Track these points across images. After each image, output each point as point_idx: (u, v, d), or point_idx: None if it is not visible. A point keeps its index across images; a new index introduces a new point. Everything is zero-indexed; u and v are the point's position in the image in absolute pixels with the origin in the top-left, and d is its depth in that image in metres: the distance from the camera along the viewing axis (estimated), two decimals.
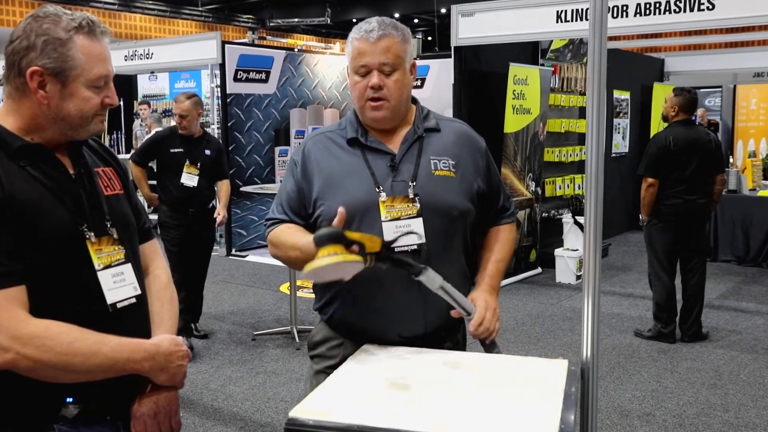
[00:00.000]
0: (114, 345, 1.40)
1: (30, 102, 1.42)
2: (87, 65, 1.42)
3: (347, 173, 1.83)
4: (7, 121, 1.44)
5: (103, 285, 1.46)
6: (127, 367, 1.42)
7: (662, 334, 4.99)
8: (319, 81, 9.12)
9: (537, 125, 7.03)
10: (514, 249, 2.03)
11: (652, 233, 5.02)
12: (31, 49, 1.39)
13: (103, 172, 1.58)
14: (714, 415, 3.80)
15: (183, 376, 1.52)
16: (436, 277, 1.68)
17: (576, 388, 1.49)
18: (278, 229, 1.87)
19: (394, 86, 1.80)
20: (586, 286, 1.66)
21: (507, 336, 5.19)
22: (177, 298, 1.70)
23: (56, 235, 1.40)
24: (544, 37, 6.99)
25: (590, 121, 1.62)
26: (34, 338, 1.32)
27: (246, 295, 6.49)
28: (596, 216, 1.64)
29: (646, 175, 4.91)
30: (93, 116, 1.46)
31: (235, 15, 18.64)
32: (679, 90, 5.04)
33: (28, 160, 1.42)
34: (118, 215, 1.54)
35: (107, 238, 1.49)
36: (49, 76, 1.40)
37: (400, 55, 1.81)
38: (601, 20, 1.60)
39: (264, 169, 8.51)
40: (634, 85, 9.44)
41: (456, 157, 1.87)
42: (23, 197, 1.37)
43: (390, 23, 1.82)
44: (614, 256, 8.01)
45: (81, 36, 1.41)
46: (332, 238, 1.53)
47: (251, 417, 3.82)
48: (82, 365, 1.36)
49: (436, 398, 1.42)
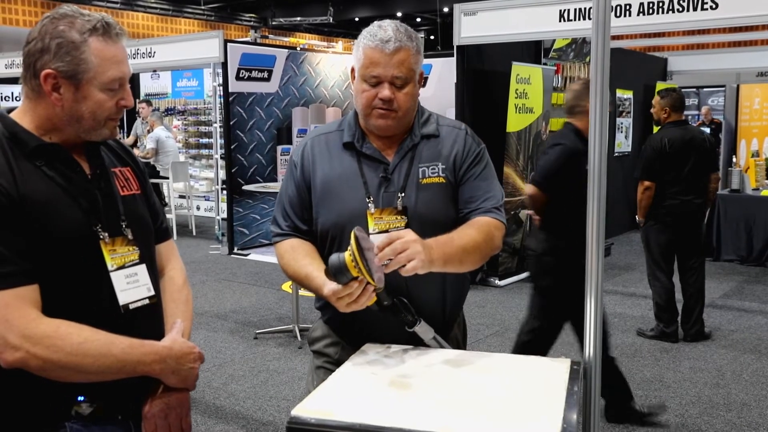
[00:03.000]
0: (125, 346, 1.40)
1: (45, 103, 1.43)
2: (100, 68, 1.41)
3: (342, 181, 1.81)
4: (25, 121, 1.45)
5: (116, 286, 1.46)
6: (137, 369, 1.42)
7: (665, 333, 4.98)
8: (322, 80, 9.11)
9: (539, 124, 7.02)
10: (484, 242, 1.75)
11: (650, 235, 5.01)
12: (45, 51, 1.40)
13: (120, 172, 1.58)
14: (716, 415, 3.79)
15: (195, 378, 1.51)
16: (428, 330, 1.73)
17: (578, 387, 1.49)
18: (283, 249, 1.86)
19: (404, 99, 1.78)
20: (588, 285, 1.66)
21: (509, 335, 5.18)
22: (191, 300, 1.70)
23: (70, 235, 1.40)
24: (546, 36, 6.98)
25: (593, 121, 1.62)
26: (44, 338, 1.33)
27: (248, 293, 6.49)
28: (599, 215, 1.64)
29: (643, 178, 4.90)
30: (107, 118, 1.47)
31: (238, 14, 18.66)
32: (665, 92, 5.03)
33: (44, 159, 1.42)
34: (133, 215, 1.54)
35: (121, 239, 1.49)
36: (62, 79, 1.40)
37: (413, 68, 1.78)
38: (605, 19, 1.60)
39: (266, 168, 8.51)
40: (637, 84, 9.43)
41: (446, 161, 1.84)
42: (37, 197, 1.37)
43: (405, 32, 1.77)
44: (617, 256, 8.00)
45: (95, 38, 1.41)
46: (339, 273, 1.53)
47: (253, 415, 3.82)
48: (91, 366, 1.36)
49: (438, 397, 1.41)
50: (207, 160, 10.86)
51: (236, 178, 8.20)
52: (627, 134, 9.41)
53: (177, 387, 1.49)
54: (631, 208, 9.34)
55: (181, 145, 11.21)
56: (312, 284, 1.70)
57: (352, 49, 1.86)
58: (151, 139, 9.46)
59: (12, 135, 1.42)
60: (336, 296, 1.56)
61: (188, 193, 9.88)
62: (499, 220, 1.83)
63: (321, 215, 1.83)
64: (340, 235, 1.78)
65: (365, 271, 1.49)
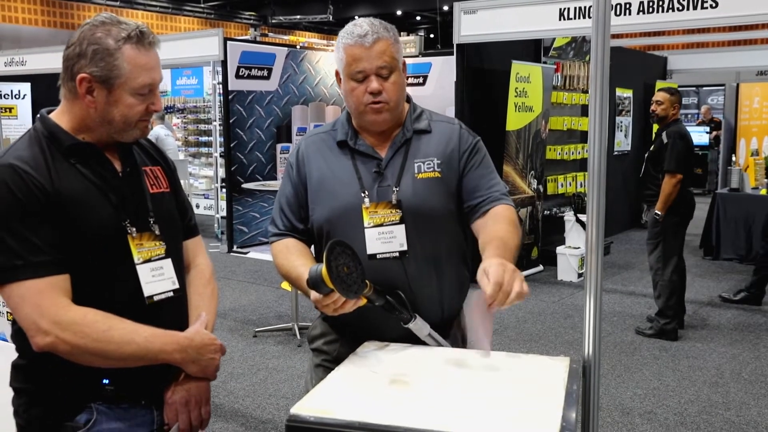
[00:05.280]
0: (148, 335, 1.48)
1: (80, 105, 1.52)
2: (132, 74, 1.50)
3: (336, 177, 1.83)
4: (62, 120, 1.55)
5: (142, 278, 1.55)
6: (159, 357, 1.50)
7: (664, 331, 4.99)
8: (321, 78, 9.11)
9: (539, 123, 7.02)
10: (516, 232, 1.76)
11: (668, 228, 5.00)
12: (82, 56, 1.49)
13: (151, 170, 1.67)
14: (715, 414, 3.80)
15: (215, 368, 1.60)
16: (424, 326, 1.75)
17: (578, 385, 1.49)
18: (278, 249, 1.90)
19: (393, 88, 1.79)
20: (587, 283, 1.66)
21: (508, 333, 5.19)
22: (217, 294, 1.78)
23: (100, 229, 1.50)
24: (546, 35, 6.98)
25: (593, 119, 1.62)
26: (72, 324, 1.42)
27: (247, 291, 6.49)
28: (598, 214, 1.64)
29: (678, 171, 4.87)
30: (137, 121, 1.55)
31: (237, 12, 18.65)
32: (671, 89, 5.17)
33: (79, 158, 1.52)
34: (161, 212, 1.63)
35: (149, 234, 1.58)
36: (96, 83, 1.49)
37: (395, 56, 1.80)
38: (604, 18, 1.60)
39: (266, 167, 8.51)
40: (636, 83, 9.43)
41: (441, 156, 1.85)
42: (70, 193, 1.47)
43: (380, 25, 1.80)
44: (616, 254, 8.00)
45: (129, 46, 1.50)
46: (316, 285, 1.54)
47: (252, 413, 3.83)
48: (115, 352, 1.45)
49: (438, 395, 1.41)
50: (206, 158, 10.86)
51: (236, 177, 8.20)
52: (627, 133, 9.40)
53: (198, 376, 1.57)
54: (630, 206, 9.39)
55: (181, 143, 11.21)
56: (302, 286, 1.71)
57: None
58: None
59: (50, 134, 1.53)
60: (320, 304, 1.59)
61: (188, 191, 9.88)
62: (512, 205, 1.87)
63: (315, 212, 1.86)
64: (333, 230, 1.80)
65: (338, 290, 1.51)
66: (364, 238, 1.78)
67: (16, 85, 10.90)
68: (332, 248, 1.52)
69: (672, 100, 5.04)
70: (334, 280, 1.50)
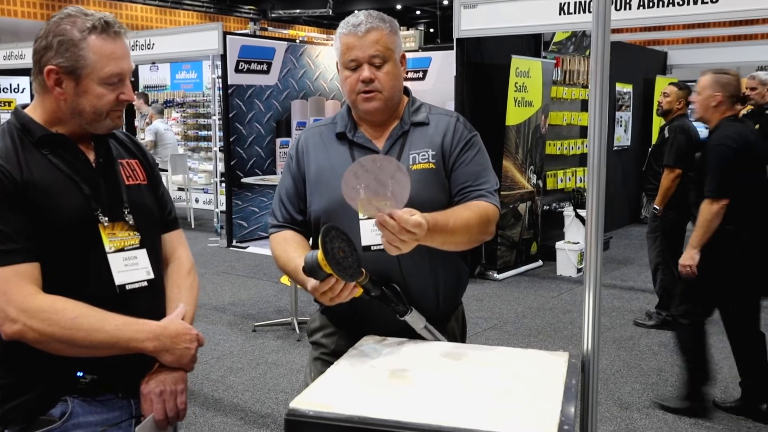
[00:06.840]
0: (119, 323, 1.47)
1: (51, 98, 1.54)
2: (99, 64, 1.51)
3: (333, 169, 1.83)
4: (35, 114, 1.56)
5: (113, 267, 1.55)
6: (130, 346, 1.49)
7: (666, 322, 4.98)
8: (321, 72, 9.10)
9: (539, 118, 7.01)
10: (477, 225, 1.74)
11: (668, 223, 4.99)
12: (48, 49, 1.51)
13: (128, 163, 1.68)
14: (713, 409, 3.80)
15: (190, 358, 1.58)
16: (419, 319, 1.76)
17: (576, 380, 1.49)
18: (276, 241, 1.90)
19: (386, 78, 1.80)
20: (587, 278, 1.65)
21: (507, 329, 5.19)
22: (197, 287, 1.78)
23: (70, 217, 1.50)
24: (546, 30, 6.97)
25: (592, 114, 1.62)
26: (40, 312, 1.42)
27: (247, 286, 6.49)
28: (598, 209, 1.63)
29: (677, 166, 4.85)
30: (108, 111, 1.55)
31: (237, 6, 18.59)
32: (681, 84, 5.15)
33: (50, 148, 1.53)
34: (137, 204, 1.63)
35: (122, 224, 1.58)
36: (63, 75, 1.50)
37: (390, 46, 1.80)
38: (605, 12, 1.59)
39: (265, 161, 8.51)
40: (636, 78, 9.42)
41: (437, 147, 1.85)
42: (40, 182, 1.48)
43: (377, 16, 1.81)
44: (615, 250, 8.01)
45: (94, 36, 1.51)
46: (313, 271, 1.55)
47: (251, 408, 3.83)
48: (84, 340, 1.44)
49: (437, 390, 1.42)
50: (206, 152, 10.84)
51: (235, 171, 8.20)
52: (626, 128, 9.40)
53: (173, 366, 1.56)
54: (630, 202, 9.39)
55: (180, 137, 11.18)
56: (299, 277, 1.72)
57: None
58: (150, 131, 9.44)
59: (22, 126, 1.54)
60: (317, 292, 1.60)
61: (187, 185, 9.87)
62: (494, 204, 1.82)
63: (313, 203, 1.87)
64: (330, 222, 1.79)
65: (335, 271, 1.52)
66: (359, 230, 1.78)
67: (15, 79, 10.87)
68: (327, 231, 1.53)
69: (679, 94, 5.03)
70: (330, 262, 1.51)
